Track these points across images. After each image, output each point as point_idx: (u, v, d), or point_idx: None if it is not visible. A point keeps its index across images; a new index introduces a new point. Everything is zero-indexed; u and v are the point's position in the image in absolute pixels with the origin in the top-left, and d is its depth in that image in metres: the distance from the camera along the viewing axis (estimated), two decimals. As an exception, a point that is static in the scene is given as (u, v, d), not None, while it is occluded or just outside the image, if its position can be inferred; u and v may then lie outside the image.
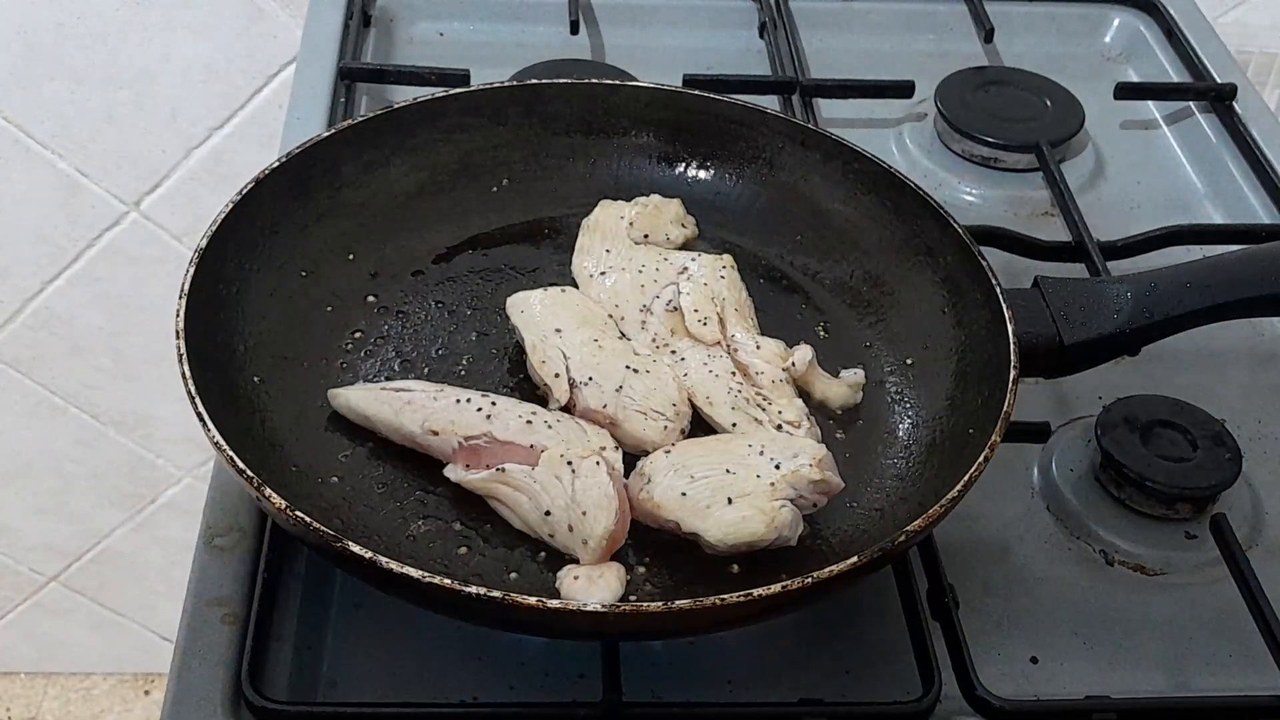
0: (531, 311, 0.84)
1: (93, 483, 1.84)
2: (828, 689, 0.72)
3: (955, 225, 0.84)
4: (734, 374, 0.82)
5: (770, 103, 1.10)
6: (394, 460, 0.77)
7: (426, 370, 0.83)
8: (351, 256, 0.88)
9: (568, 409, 0.80)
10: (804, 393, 0.82)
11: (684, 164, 0.95)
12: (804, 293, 0.90)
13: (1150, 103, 1.18)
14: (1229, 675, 0.74)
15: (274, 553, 0.74)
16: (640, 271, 0.88)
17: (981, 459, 0.70)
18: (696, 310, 0.85)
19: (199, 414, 0.68)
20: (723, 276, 0.88)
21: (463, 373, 0.83)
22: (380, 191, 0.90)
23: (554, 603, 0.63)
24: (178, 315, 0.73)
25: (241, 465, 0.66)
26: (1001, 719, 0.70)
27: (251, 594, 0.72)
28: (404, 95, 0.99)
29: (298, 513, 0.64)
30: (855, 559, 0.65)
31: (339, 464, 0.77)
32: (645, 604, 0.63)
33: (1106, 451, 0.82)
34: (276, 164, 0.84)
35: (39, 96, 1.45)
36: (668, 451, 0.76)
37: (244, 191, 0.82)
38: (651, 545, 0.74)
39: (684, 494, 0.73)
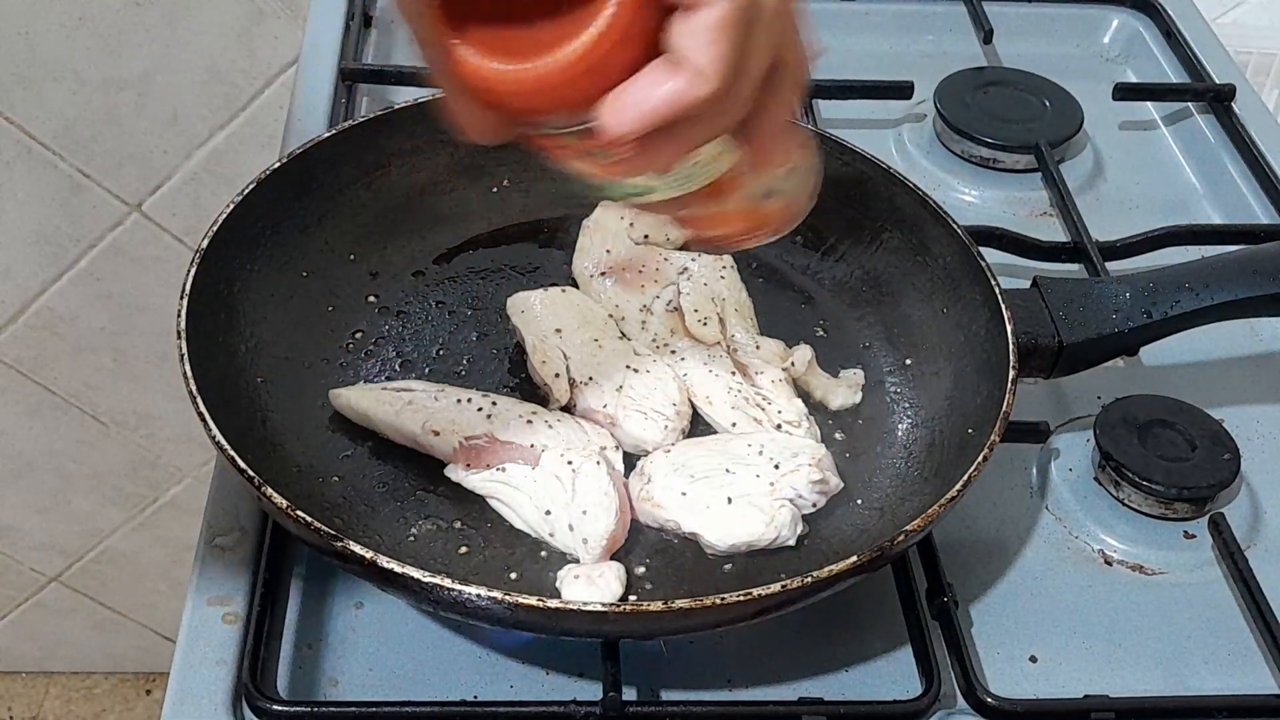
0: (532, 311, 0.84)
1: (94, 482, 1.84)
2: (827, 688, 0.72)
3: (954, 226, 0.85)
4: (734, 374, 0.82)
5: (770, 103, 1.10)
6: (395, 460, 0.77)
7: (427, 370, 0.83)
8: (352, 257, 0.88)
9: (568, 409, 0.80)
10: (804, 393, 0.83)
11: (684, 164, 0.95)
12: (804, 293, 0.90)
13: (1149, 103, 1.19)
14: (1227, 674, 0.75)
15: (275, 552, 0.74)
16: (640, 271, 0.88)
17: (980, 459, 0.70)
18: (696, 310, 0.85)
19: (200, 414, 0.69)
20: (723, 276, 0.88)
21: (463, 373, 0.83)
22: (381, 192, 0.90)
23: (554, 602, 0.63)
24: (179, 315, 0.74)
25: (243, 465, 0.67)
26: (1000, 718, 0.70)
27: (253, 593, 0.72)
28: (405, 96, 0.99)
29: (299, 512, 0.65)
30: (854, 559, 0.65)
31: (340, 464, 0.77)
32: (646, 603, 0.63)
33: (1105, 451, 0.82)
34: (277, 164, 0.85)
35: (41, 97, 1.45)
36: (668, 451, 0.76)
37: (245, 192, 0.82)
38: (651, 545, 0.74)
39: (684, 494, 0.73)
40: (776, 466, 0.74)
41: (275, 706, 0.66)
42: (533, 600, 0.62)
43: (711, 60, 0.49)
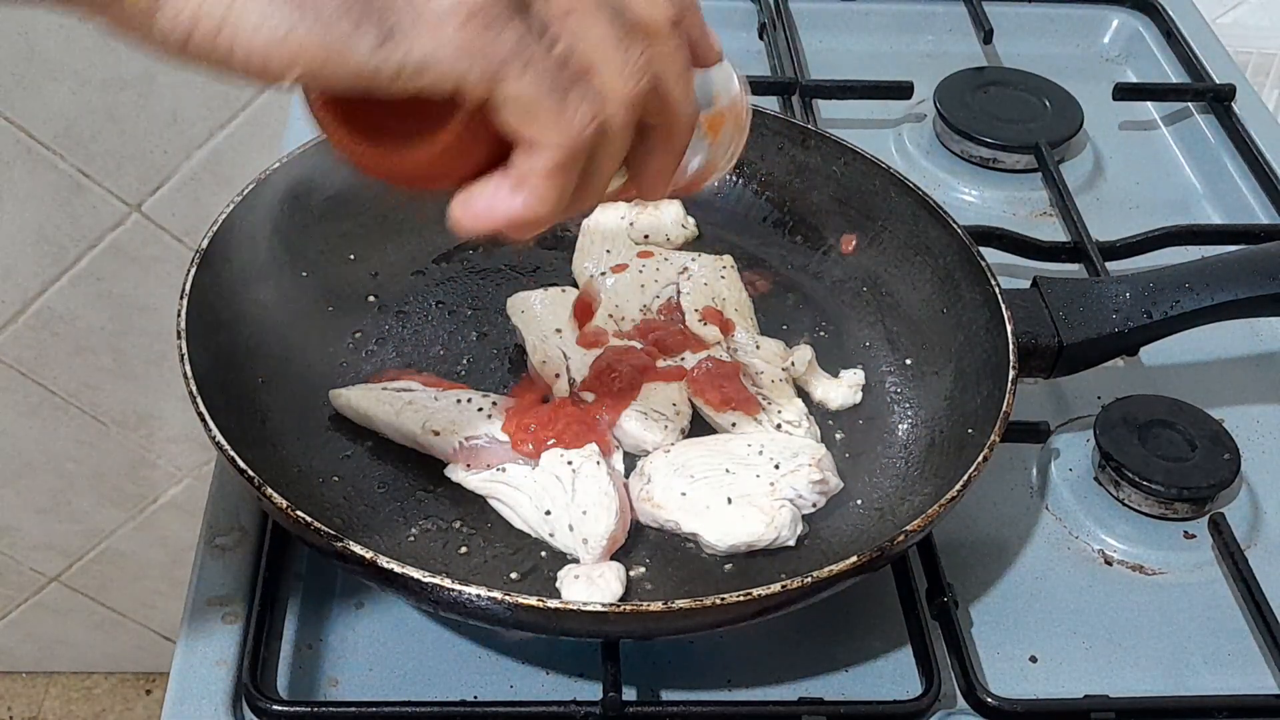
0: (532, 311, 0.84)
1: (94, 482, 1.84)
2: (827, 688, 0.72)
3: (954, 225, 0.85)
4: (734, 374, 0.82)
5: (770, 103, 1.10)
6: (394, 460, 0.77)
7: (427, 370, 0.83)
8: (352, 256, 0.88)
9: (568, 409, 0.80)
10: (804, 393, 0.83)
11: (684, 164, 0.95)
12: (804, 293, 0.90)
13: (1149, 103, 1.19)
14: (1228, 674, 0.75)
15: (275, 552, 0.74)
16: (640, 271, 0.88)
17: (980, 459, 0.70)
18: (696, 310, 0.85)
19: (200, 414, 0.69)
20: (723, 276, 0.88)
21: (463, 373, 0.83)
22: (381, 192, 0.90)
23: (554, 602, 0.63)
24: (179, 315, 0.74)
25: (243, 465, 0.67)
26: (1001, 718, 0.70)
27: (253, 593, 0.72)
28: (405, 96, 0.99)
29: (299, 512, 0.65)
30: (854, 559, 0.65)
31: (340, 464, 0.77)
32: (646, 603, 0.63)
33: (1105, 451, 0.82)
34: (277, 164, 0.84)
35: (41, 97, 1.45)
36: (668, 451, 0.76)
37: (245, 192, 0.82)
38: (651, 545, 0.74)
39: (684, 494, 0.73)
40: (776, 466, 0.74)
41: (275, 706, 0.66)
42: (533, 600, 0.62)
43: (545, 192, 0.53)
